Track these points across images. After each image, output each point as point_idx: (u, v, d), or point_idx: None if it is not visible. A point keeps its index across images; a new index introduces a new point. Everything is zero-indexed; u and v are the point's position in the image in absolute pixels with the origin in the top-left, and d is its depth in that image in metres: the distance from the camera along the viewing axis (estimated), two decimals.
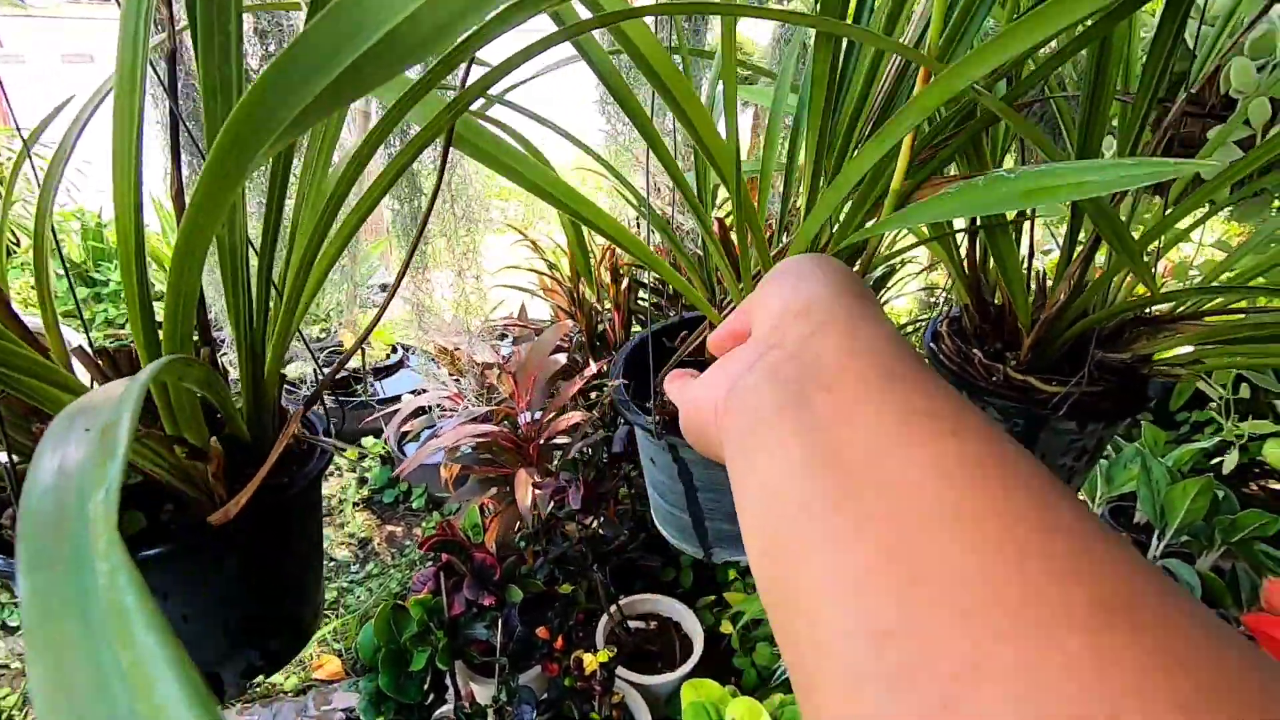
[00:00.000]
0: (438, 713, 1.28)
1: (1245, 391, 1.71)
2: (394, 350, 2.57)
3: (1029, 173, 0.28)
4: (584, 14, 0.34)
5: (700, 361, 0.55)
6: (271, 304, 0.41)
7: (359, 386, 2.24)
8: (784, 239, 0.54)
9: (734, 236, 0.45)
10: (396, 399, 2.32)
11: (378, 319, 0.47)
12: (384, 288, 3.05)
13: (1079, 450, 0.61)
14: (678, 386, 0.35)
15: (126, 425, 0.14)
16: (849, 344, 0.23)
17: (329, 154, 0.42)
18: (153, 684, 0.11)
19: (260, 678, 0.46)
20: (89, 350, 0.41)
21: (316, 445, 0.46)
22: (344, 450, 0.44)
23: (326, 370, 0.50)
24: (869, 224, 0.45)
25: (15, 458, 0.39)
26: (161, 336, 0.32)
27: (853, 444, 0.20)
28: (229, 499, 0.38)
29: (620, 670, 1.35)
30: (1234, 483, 1.97)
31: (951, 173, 0.59)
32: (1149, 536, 1.71)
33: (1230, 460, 1.61)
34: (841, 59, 0.42)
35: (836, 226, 0.47)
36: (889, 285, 1.86)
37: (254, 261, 0.40)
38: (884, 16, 0.44)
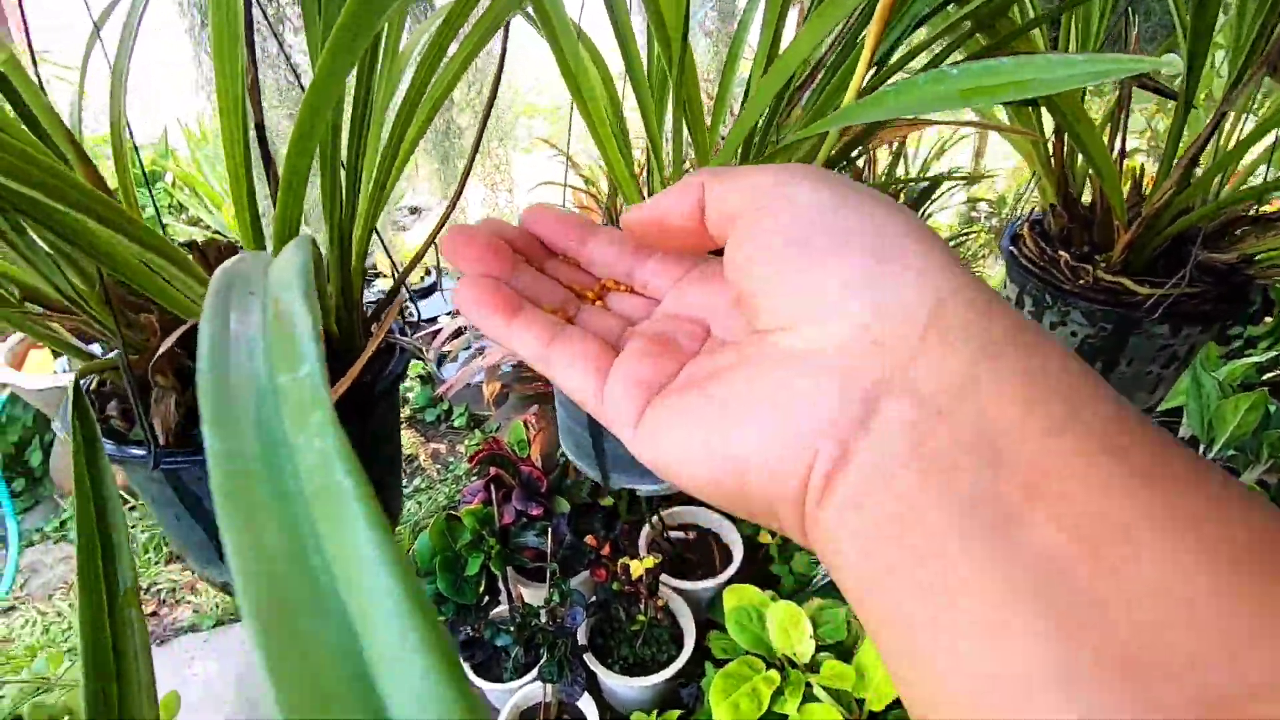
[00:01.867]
0: (494, 612, 1.36)
1: None
2: (428, 272, 2.57)
3: (971, 70, 0.27)
4: None
5: None
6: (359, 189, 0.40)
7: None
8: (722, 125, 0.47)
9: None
10: (434, 320, 2.34)
11: (441, 225, 0.46)
12: (413, 210, 3.02)
13: (1169, 356, 0.59)
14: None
15: (300, 289, 0.13)
16: (1052, 408, 0.16)
17: (399, 30, 0.40)
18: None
19: None
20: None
21: (396, 345, 0.46)
22: (423, 352, 0.44)
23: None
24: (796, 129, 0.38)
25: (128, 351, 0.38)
26: (274, 220, 0.30)
27: (1130, 613, 0.14)
28: None
29: (663, 577, 1.41)
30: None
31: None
32: (1195, 450, 1.69)
33: None
34: None
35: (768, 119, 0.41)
36: (933, 198, 1.79)
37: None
38: None
